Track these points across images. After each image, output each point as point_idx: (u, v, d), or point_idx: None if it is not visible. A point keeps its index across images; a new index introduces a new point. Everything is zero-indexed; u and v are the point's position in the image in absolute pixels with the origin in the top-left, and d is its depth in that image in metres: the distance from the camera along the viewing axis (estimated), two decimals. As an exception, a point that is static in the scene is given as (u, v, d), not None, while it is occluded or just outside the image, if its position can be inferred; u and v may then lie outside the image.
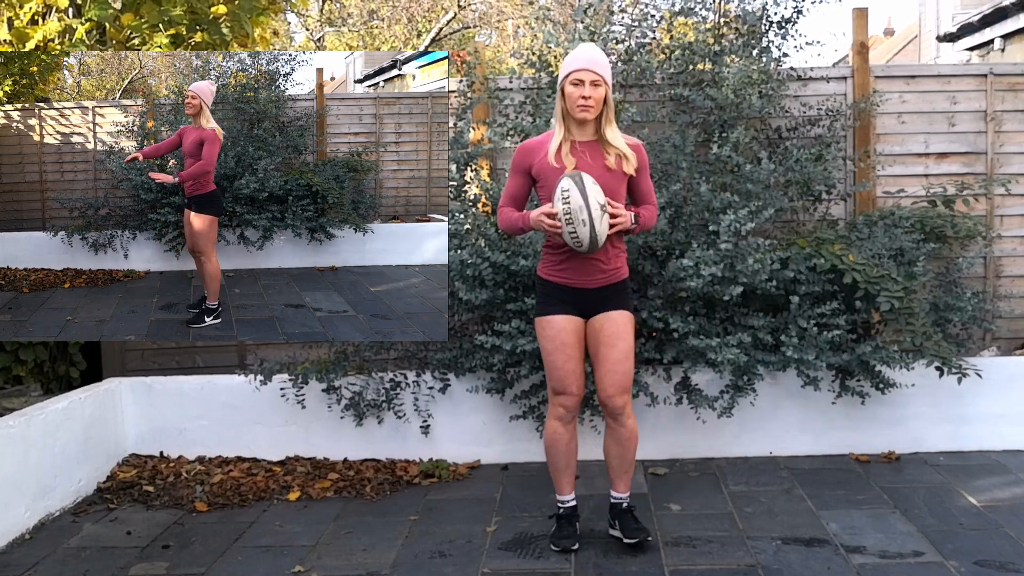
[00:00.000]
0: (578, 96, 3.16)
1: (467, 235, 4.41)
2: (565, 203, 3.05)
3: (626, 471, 3.43)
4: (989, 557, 3.26)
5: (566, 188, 3.06)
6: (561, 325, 3.31)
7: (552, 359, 3.32)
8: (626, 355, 3.30)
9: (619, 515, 3.47)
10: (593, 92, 3.15)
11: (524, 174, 3.33)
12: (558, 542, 3.44)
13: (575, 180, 3.07)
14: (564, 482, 3.47)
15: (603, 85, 3.17)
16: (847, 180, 4.98)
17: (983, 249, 4.94)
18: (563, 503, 3.49)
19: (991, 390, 4.42)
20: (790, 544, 3.44)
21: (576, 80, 3.16)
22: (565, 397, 3.34)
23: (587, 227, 3.05)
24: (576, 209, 3.04)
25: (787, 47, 5.00)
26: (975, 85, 5.04)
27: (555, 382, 3.34)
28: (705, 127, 4.66)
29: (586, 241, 3.09)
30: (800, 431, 4.49)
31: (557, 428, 3.39)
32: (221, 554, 3.53)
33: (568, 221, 3.06)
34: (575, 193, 3.04)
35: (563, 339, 3.31)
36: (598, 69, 3.16)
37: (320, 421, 4.55)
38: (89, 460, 4.26)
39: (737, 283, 4.09)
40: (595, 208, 3.05)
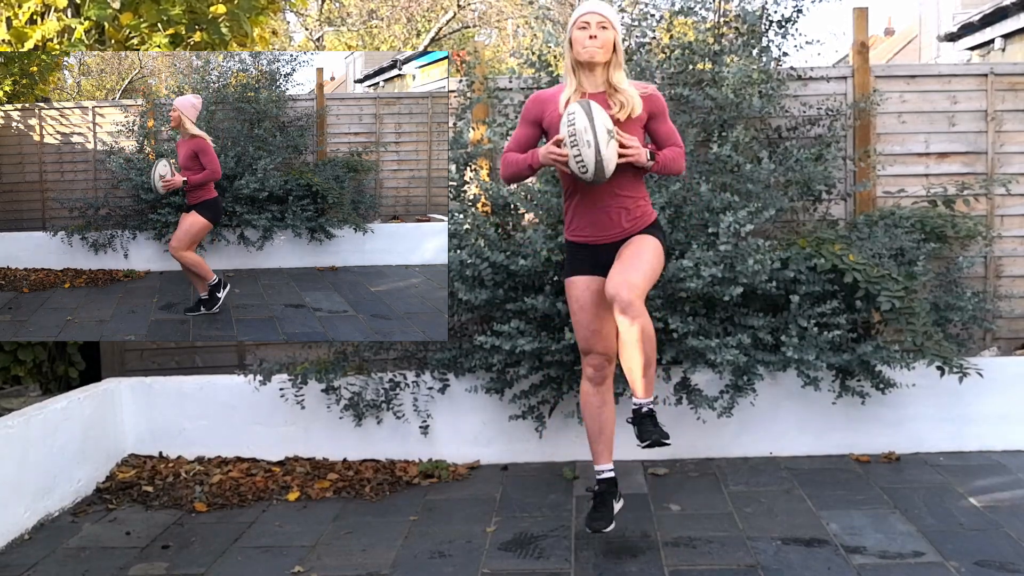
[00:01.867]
0: (585, 37, 3.12)
1: (467, 235, 4.40)
2: (570, 126, 3.00)
3: (642, 375, 3.17)
4: (989, 557, 3.25)
5: (572, 112, 3.02)
6: (584, 285, 3.29)
7: (577, 319, 3.32)
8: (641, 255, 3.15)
9: (639, 421, 3.24)
10: (600, 33, 3.12)
11: (534, 124, 3.29)
12: (592, 523, 3.30)
13: (582, 105, 3.02)
14: (598, 450, 3.36)
15: (610, 28, 3.14)
16: (847, 180, 4.98)
17: (983, 249, 4.94)
18: (600, 473, 3.37)
19: (992, 390, 4.41)
20: (790, 544, 3.43)
21: (583, 23, 3.14)
22: (591, 356, 3.31)
23: (592, 148, 2.97)
24: (581, 130, 2.97)
25: (787, 47, 5.01)
26: (975, 85, 5.04)
27: (581, 341, 3.33)
28: (705, 127, 4.65)
29: (591, 165, 3.00)
30: (800, 431, 4.48)
31: (587, 389, 3.36)
32: (221, 554, 3.52)
33: (573, 144, 2.99)
34: (580, 115, 2.99)
35: (587, 298, 3.28)
36: (603, 12, 3.15)
37: (319, 421, 4.55)
38: (88, 460, 4.26)
39: (737, 283, 4.09)
40: (601, 131, 2.98)
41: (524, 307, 4.18)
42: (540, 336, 4.15)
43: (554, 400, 4.38)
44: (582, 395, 3.40)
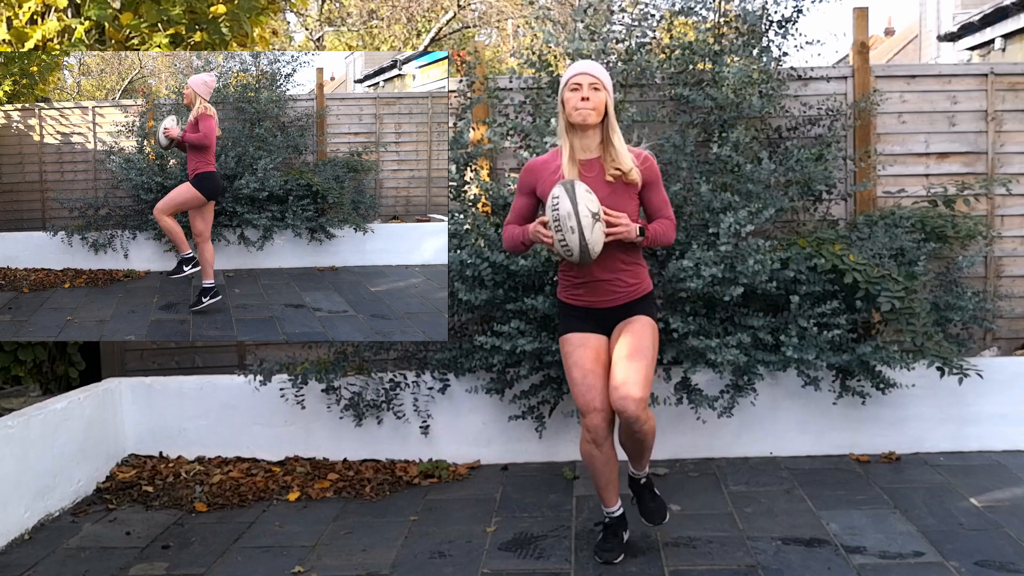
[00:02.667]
0: (576, 99, 3.09)
1: (467, 235, 4.40)
2: (554, 210, 2.98)
3: (642, 456, 3.31)
4: (989, 557, 3.25)
5: (556, 195, 2.99)
6: (581, 342, 3.22)
7: (572, 376, 3.21)
8: (642, 355, 3.12)
9: (637, 490, 3.40)
10: (592, 95, 3.09)
11: (529, 194, 3.28)
12: (602, 554, 3.33)
13: (566, 187, 3.00)
14: (607, 496, 3.33)
15: (602, 90, 3.11)
16: (847, 180, 4.98)
17: (984, 249, 4.93)
18: (610, 513, 3.37)
19: (992, 390, 4.42)
20: (790, 544, 3.43)
21: (575, 84, 3.10)
22: (591, 417, 3.15)
23: (575, 234, 2.96)
24: (564, 215, 2.95)
25: (787, 47, 4.99)
26: (976, 85, 5.04)
27: (579, 400, 3.19)
28: (705, 127, 4.65)
29: (576, 249, 2.99)
30: (800, 431, 4.48)
31: (591, 451, 3.21)
32: (221, 554, 3.52)
33: (557, 228, 2.98)
34: (564, 200, 2.96)
35: (581, 354, 3.20)
36: (595, 72, 3.11)
37: (320, 421, 4.55)
38: (88, 460, 4.26)
39: (737, 284, 4.09)
40: (584, 215, 2.95)
41: (524, 307, 4.18)
42: (540, 336, 4.15)
43: (554, 400, 4.38)
44: (585, 454, 3.26)
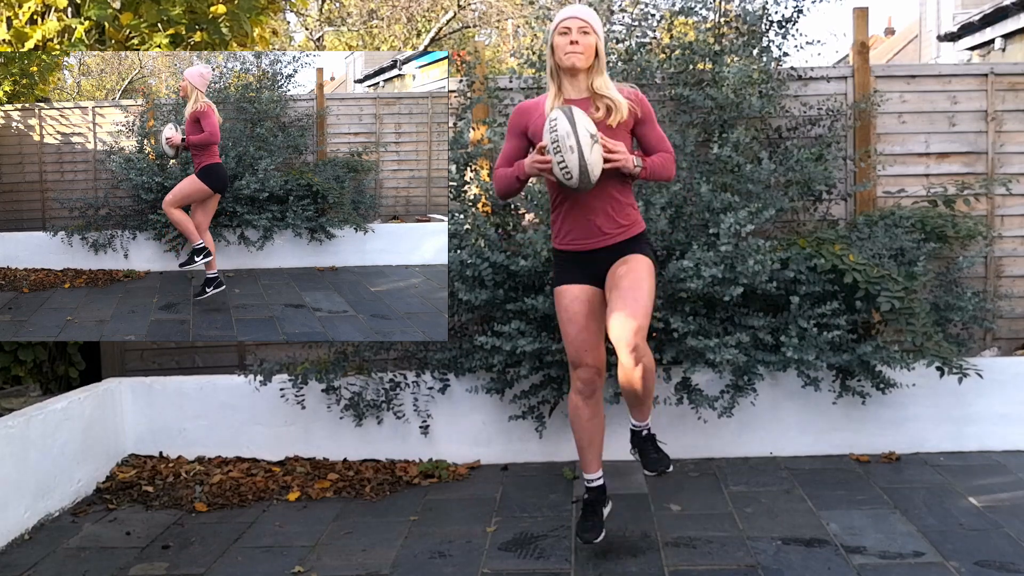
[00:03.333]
0: (566, 43, 3.06)
1: (467, 235, 4.41)
2: (552, 132, 2.93)
3: (643, 402, 3.27)
4: (989, 557, 3.25)
5: (554, 117, 2.95)
6: (574, 294, 3.19)
7: (565, 329, 3.21)
8: (639, 286, 3.07)
9: (639, 442, 3.36)
10: (581, 39, 3.06)
11: (520, 135, 3.24)
12: (582, 534, 3.28)
13: (563, 110, 2.95)
14: (589, 459, 3.31)
15: (592, 34, 3.08)
16: (847, 180, 4.98)
17: (984, 249, 4.94)
18: (589, 481, 3.33)
19: (992, 390, 4.42)
20: (790, 544, 3.43)
21: (564, 28, 3.08)
22: (581, 369, 3.19)
23: (575, 153, 2.90)
24: (563, 135, 2.90)
25: (787, 47, 5.00)
26: (976, 85, 5.04)
27: (570, 353, 3.21)
28: (705, 127, 4.65)
29: (575, 170, 2.93)
30: (800, 431, 4.48)
31: (577, 403, 3.24)
32: (221, 554, 3.52)
33: (556, 150, 2.92)
34: (562, 121, 2.92)
35: (576, 308, 3.19)
36: (585, 16, 3.08)
37: (320, 421, 4.55)
38: (88, 460, 4.26)
39: (737, 284, 4.09)
40: (584, 135, 2.90)
41: (524, 307, 4.18)
42: (540, 336, 4.15)
43: (554, 400, 4.38)
44: (571, 407, 3.28)
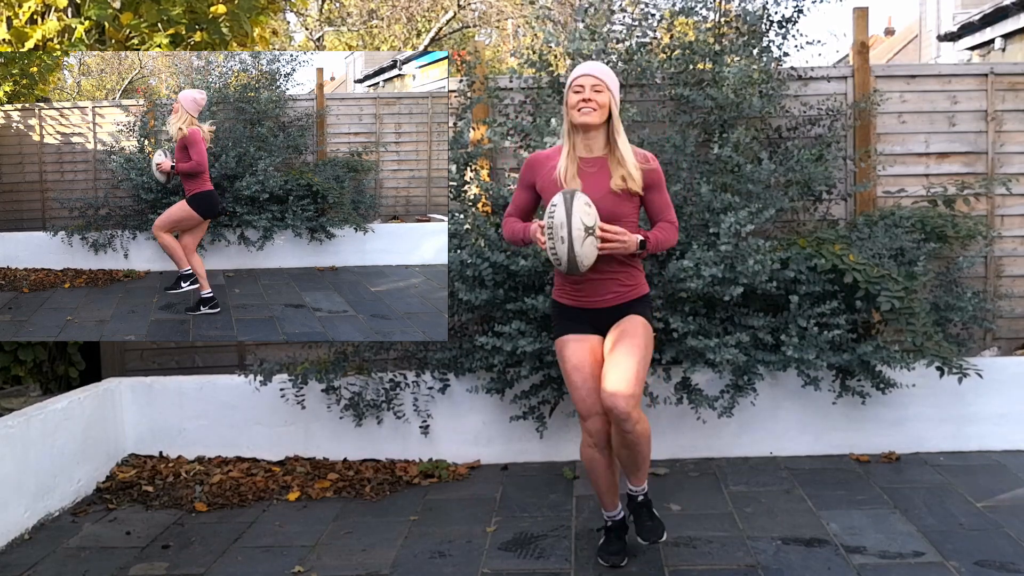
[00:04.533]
0: (579, 101, 3.08)
1: (467, 235, 4.41)
2: (550, 217, 2.98)
3: (639, 467, 3.27)
4: (989, 557, 3.26)
5: (554, 203, 2.99)
6: (578, 344, 3.20)
7: (571, 379, 3.19)
8: (634, 353, 3.10)
9: (634, 509, 3.38)
10: (595, 96, 3.08)
11: (528, 188, 3.28)
12: (606, 557, 3.31)
13: (565, 196, 2.98)
14: (607, 500, 3.33)
15: (605, 91, 3.09)
16: (847, 180, 4.98)
17: (984, 249, 4.94)
18: (611, 517, 3.36)
19: (992, 390, 4.42)
20: (790, 544, 3.43)
21: (578, 87, 3.10)
22: (591, 421, 3.14)
23: (564, 245, 2.95)
24: (557, 225, 2.95)
25: (788, 47, 4.99)
26: (976, 85, 5.04)
27: (578, 405, 3.17)
28: (705, 127, 4.65)
29: (564, 260, 2.99)
30: (800, 431, 4.48)
31: (593, 455, 3.21)
32: (221, 554, 3.53)
33: (549, 236, 2.98)
34: (560, 210, 2.96)
35: (579, 357, 3.18)
36: (599, 74, 3.10)
37: (320, 421, 4.55)
38: (88, 460, 4.26)
39: (737, 283, 4.09)
40: (577, 227, 2.94)
41: (525, 307, 4.18)
42: (541, 336, 4.15)
43: (555, 400, 4.38)
44: (586, 458, 3.26)
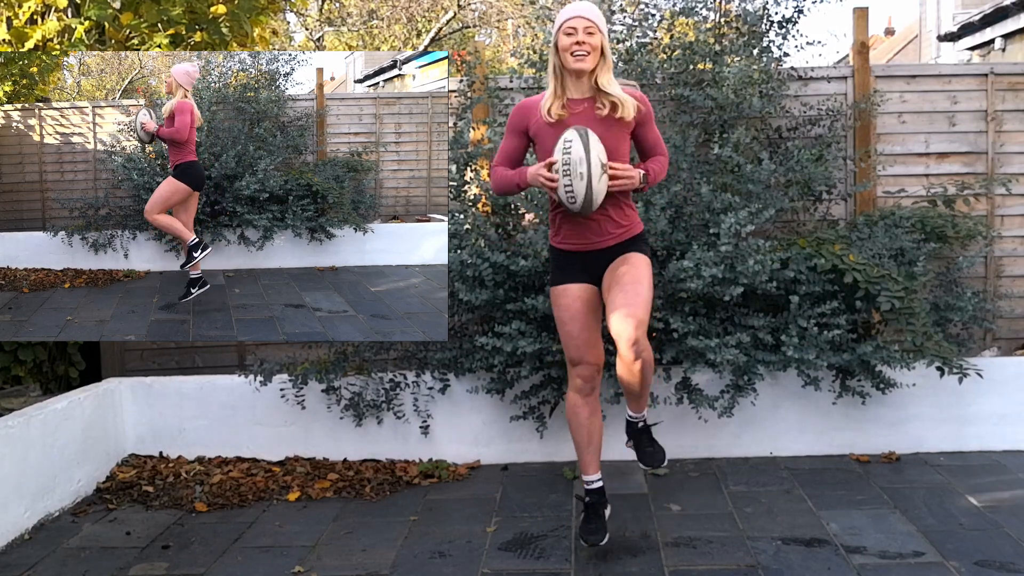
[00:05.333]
0: (572, 44, 3.05)
1: (467, 235, 4.41)
2: (566, 153, 2.94)
3: (642, 393, 3.25)
4: (989, 557, 3.26)
5: (569, 139, 2.96)
6: (575, 294, 3.20)
7: (566, 328, 3.21)
8: (640, 281, 3.08)
9: (634, 434, 3.36)
10: (588, 39, 3.05)
11: (520, 134, 3.22)
12: (587, 537, 3.29)
13: (580, 132, 2.97)
14: (588, 460, 3.32)
15: (597, 33, 3.06)
16: (847, 180, 4.98)
17: (984, 249, 4.94)
18: (589, 484, 3.34)
19: (992, 390, 4.42)
20: (790, 544, 3.43)
21: (570, 29, 3.06)
22: (582, 367, 3.19)
23: (584, 181, 2.93)
24: (576, 160, 2.92)
25: (788, 47, 4.98)
26: (976, 85, 5.04)
27: (570, 352, 3.21)
28: (706, 127, 4.65)
29: (580, 197, 2.97)
30: (800, 431, 4.48)
31: (576, 401, 3.26)
32: (221, 554, 3.53)
33: (566, 173, 2.94)
34: (577, 144, 2.93)
35: (577, 307, 3.20)
36: (591, 16, 3.07)
37: (320, 421, 4.55)
38: (88, 460, 4.26)
39: (737, 284, 4.09)
40: (595, 164, 2.93)
41: (524, 307, 4.18)
42: (541, 337, 4.15)
43: (555, 400, 4.38)
44: (569, 405, 3.29)
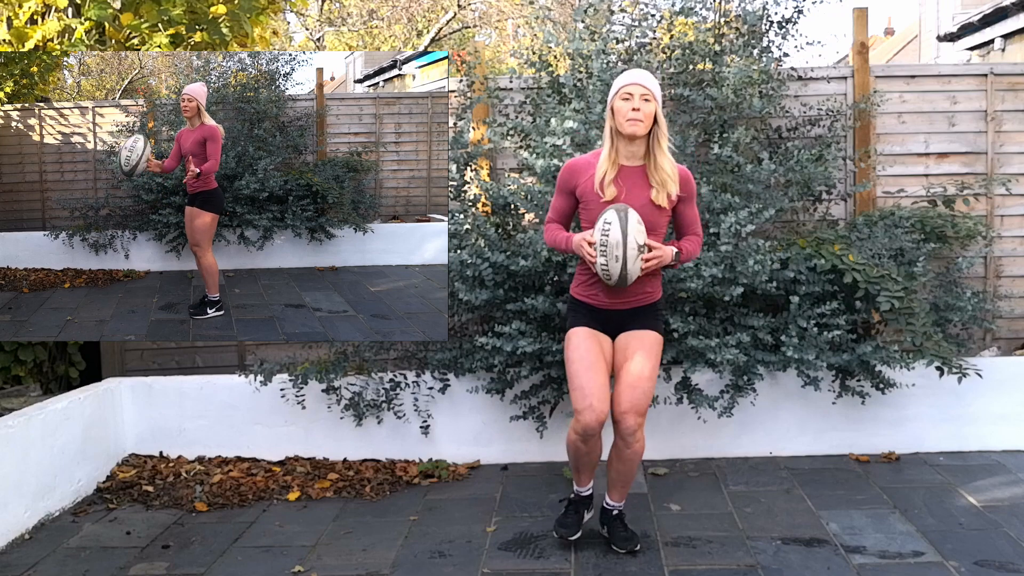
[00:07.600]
0: (628, 109, 3.10)
1: (467, 235, 4.41)
2: (604, 235, 3.04)
3: (626, 484, 3.39)
4: (989, 557, 3.26)
5: (608, 220, 3.04)
6: (585, 336, 3.27)
7: (575, 371, 3.22)
8: (648, 374, 3.21)
9: (608, 521, 3.45)
10: (643, 106, 3.11)
11: (568, 194, 3.30)
12: (559, 529, 3.43)
13: (620, 214, 3.04)
14: (582, 477, 3.45)
15: (653, 101, 3.13)
16: (847, 180, 4.98)
17: (983, 249, 4.94)
18: (579, 492, 3.48)
19: (991, 390, 4.42)
20: (790, 544, 3.43)
21: (626, 94, 3.12)
22: (586, 414, 3.15)
23: (619, 263, 3.04)
24: (613, 244, 3.02)
25: (787, 47, 5.01)
26: (975, 85, 5.04)
27: (576, 397, 3.19)
28: (705, 127, 4.65)
29: (615, 277, 3.08)
30: (800, 431, 4.48)
31: (578, 444, 3.26)
32: (221, 554, 3.53)
33: (603, 253, 3.05)
34: (616, 228, 3.02)
35: (587, 347, 3.24)
36: (648, 84, 3.14)
37: (320, 421, 4.55)
38: (89, 460, 4.26)
39: (737, 284, 4.09)
40: (632, 247, 3.03)
41: (524, 307, 4.18)
42: (541, 337, 4.15)
43: (555, 400, 4.38)
44: (570, 443, 3.30)
